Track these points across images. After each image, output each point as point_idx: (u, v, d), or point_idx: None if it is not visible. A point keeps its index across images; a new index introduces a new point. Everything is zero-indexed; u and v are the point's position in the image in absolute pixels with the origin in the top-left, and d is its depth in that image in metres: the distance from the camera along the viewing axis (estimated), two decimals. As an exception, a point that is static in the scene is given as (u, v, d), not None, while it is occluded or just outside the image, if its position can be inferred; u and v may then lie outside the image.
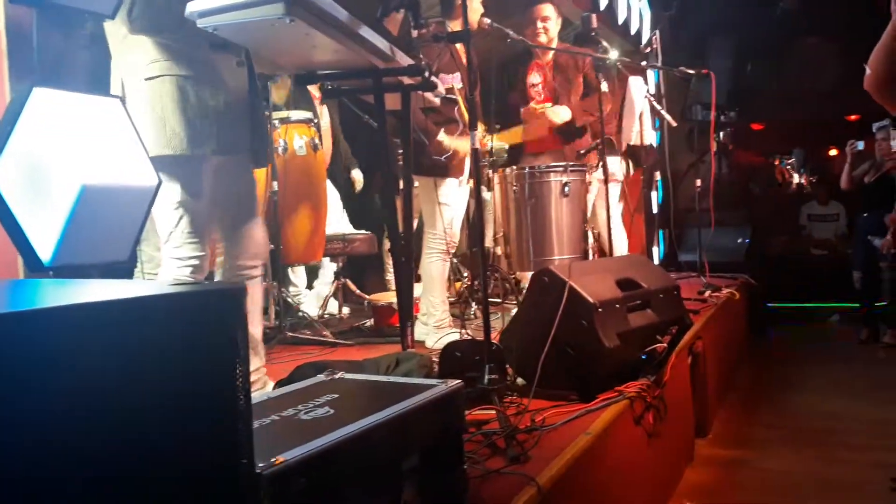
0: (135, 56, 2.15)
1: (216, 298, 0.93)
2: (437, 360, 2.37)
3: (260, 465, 1.01)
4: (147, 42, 2.14)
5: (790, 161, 10.67)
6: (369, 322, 4.02)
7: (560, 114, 3.94)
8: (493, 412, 2.04)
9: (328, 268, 4.80)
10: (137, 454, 0.83)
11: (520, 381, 2.47)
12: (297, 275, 4.68)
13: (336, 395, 1.47)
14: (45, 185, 1.52)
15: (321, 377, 1.64)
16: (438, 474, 1.43)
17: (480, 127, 3.41)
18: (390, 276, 5.14)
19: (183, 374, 0.89)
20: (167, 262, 2.28)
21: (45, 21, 1.57)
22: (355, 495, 1.21)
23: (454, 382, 1.52)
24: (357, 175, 4.93)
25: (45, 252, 1.51)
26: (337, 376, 1.64)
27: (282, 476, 1.03)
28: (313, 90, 4.45)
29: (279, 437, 1.19)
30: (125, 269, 2.42)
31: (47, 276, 1.55)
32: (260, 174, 3.41)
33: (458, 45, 3.35)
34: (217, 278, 2.49)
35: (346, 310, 4.67)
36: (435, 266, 3.53)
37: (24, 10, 1.59)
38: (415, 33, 2.28)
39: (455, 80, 3.45)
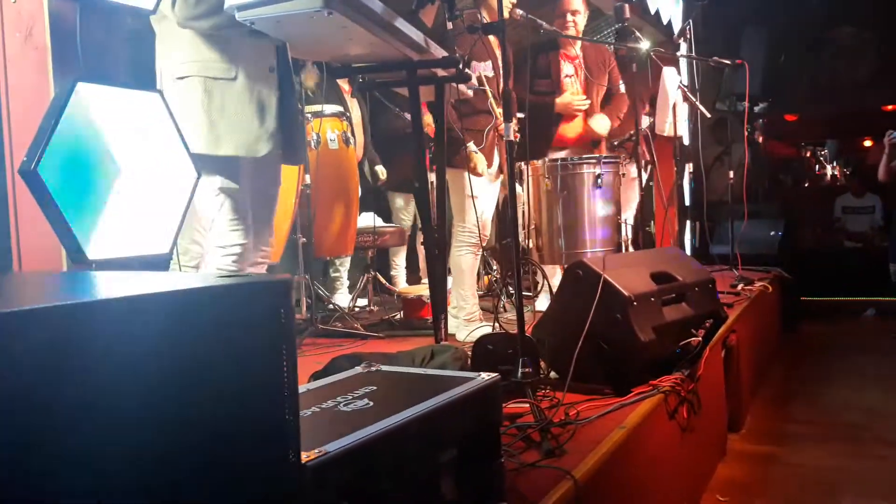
0: (170, 54, 2.23)
1: (263, 291, 0.94)
2: (469, 352, 2.37)
3: (304, 455, 1.02)
4: (185, 41, 2.21)
5: (823, 152, 10.50)
6: (399, 315, 4.04)
7: (601, 125, 3.93)
8: (527, 405, 2.03)
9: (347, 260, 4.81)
10: (184, 446, 0.84)
11: (553, 374, 2.46)
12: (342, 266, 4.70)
13: (374, 388, 1.47)
14: (90, 179, 1.54)
15: (358, 369, 1.65)
16: (476, 467, 1.44)
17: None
18: (394, 272, 5.16)
19: (229, 365, 0.90)
20: (210, 251, 2.33)
21: (88, 16, 1.60)
22: (395, 487, 1.21)
23: (492, 375, 1.52)
24: (381, 169, 4.93)
25: (88, 245, 1.54)
26: (374, 368, 1.65)
27: (326, 467, 1.04)
28: (342, 83, 4.46)
29: (321, 429, 1.20)
30: (163, 262, 2.45)
31: (90, 268, 1.57)
32: (293, 168, 3.43)
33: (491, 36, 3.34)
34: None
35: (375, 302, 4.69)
36: (465, 259, 3.53)
37: (68, 6, 1.61)
38: (449, 25, 2.27)
39: (486, 69, 3.43)
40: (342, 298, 4.62)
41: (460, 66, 2.30)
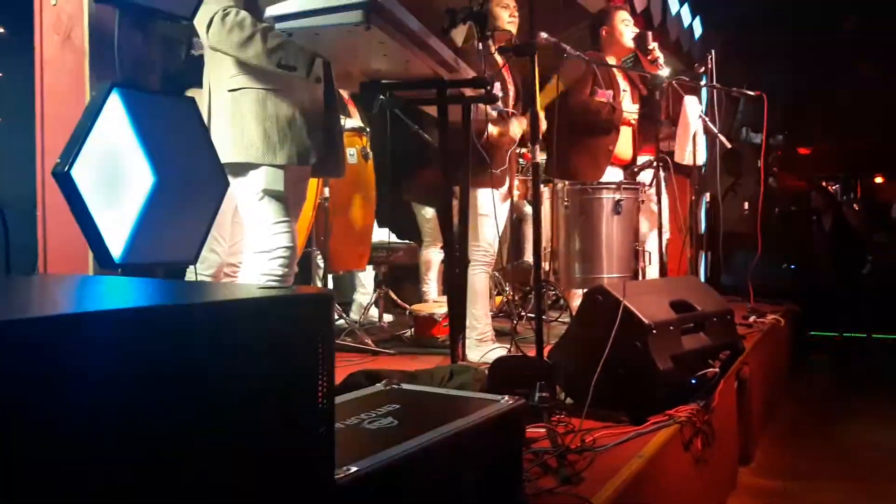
0: (220, 67, 2.30)
1: (304, 304, 0.93)
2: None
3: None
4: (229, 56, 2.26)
5: (834, 188, 10.48)
6: (409, 332, 4.02)
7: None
8: (543, 430, 2.01)
9: (367, 276, 4.77)
10: (219, 461, 0.83)
11: (568, 399, 2.44)
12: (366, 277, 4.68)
13: (398, 406, 1.45)
14: (120, 184, 1.54)
15: (380, 386, 1.63)
16: (499, 491, 1.42)
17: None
18: (425, 288, 5.10)
19: (267, 379, 0.88)
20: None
21: (127, 21, 1.60)
22: (419, 508, 1.20)
23: (516, 399, 1.50)
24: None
25: (116, 249, 1.53)
26: (395, 386, 1.64)
27: (356, 485, 1.02)
28: (343, 94, 4.40)
29: (347, 446, 1.18)
30: (180, 269, 2.45)
31: (116, 273, 1.57)
32: (312, 180, 3.43)
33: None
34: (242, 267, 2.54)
35: (386, 317, 4.66)
36: (479, 278, 3.51)
37: (107, 10, 1.61)
38: (479, 45, 2.27)
39: (496, 89, 3.41)
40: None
41: (489, 87, 2.30)
